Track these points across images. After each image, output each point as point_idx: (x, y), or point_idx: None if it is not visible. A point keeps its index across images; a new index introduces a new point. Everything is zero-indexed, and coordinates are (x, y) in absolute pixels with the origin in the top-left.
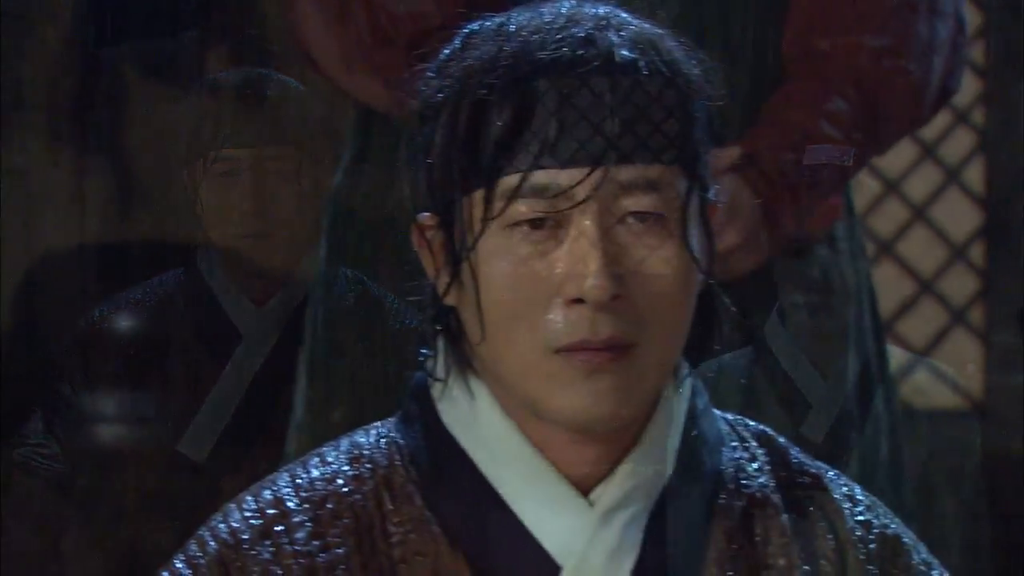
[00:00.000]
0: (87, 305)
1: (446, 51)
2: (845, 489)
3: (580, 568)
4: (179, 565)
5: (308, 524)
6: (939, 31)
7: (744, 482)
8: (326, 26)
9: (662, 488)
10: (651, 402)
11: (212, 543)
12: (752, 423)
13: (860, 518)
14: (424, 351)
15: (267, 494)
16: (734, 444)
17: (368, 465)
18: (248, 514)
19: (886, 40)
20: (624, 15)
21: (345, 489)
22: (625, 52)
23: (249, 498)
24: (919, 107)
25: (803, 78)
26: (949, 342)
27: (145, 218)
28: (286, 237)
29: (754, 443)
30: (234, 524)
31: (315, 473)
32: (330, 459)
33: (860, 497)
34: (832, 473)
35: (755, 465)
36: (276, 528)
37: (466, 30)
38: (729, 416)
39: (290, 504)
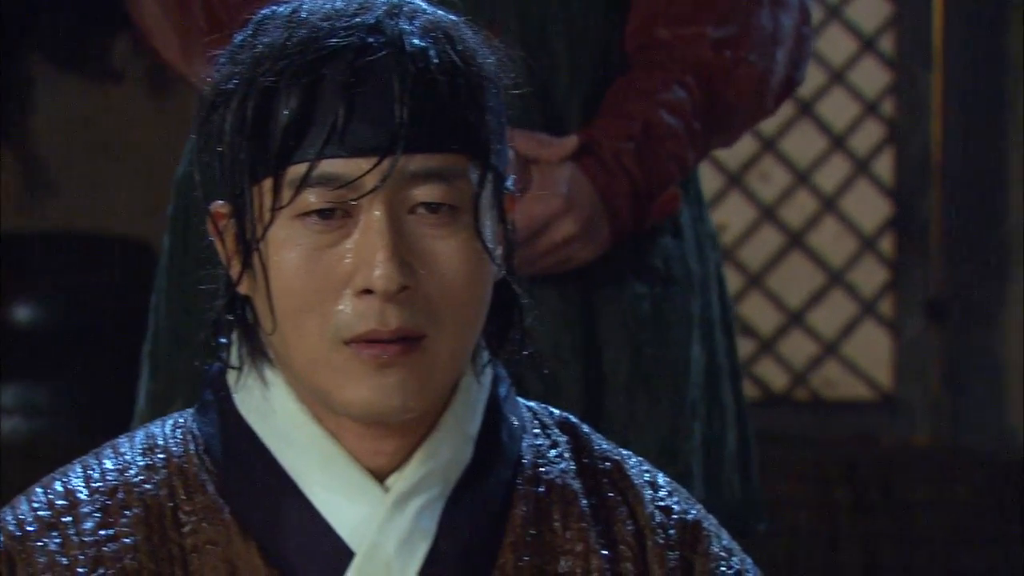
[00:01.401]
0: None
1: (239, 37)
2: (647, 476)
3: (372, 554)
4: None
5: (97, 514)
6: (783, 22)
7: (544, 468)
8: (164, 14)
9: (460, 475)
10: (447, 392)
11: None
12: (556, 411)
13: (661, 504)
14: (221, 340)
15: (57, 485)
16: (536, 431)
17: (162, 455)
18: (36, 505)
19: (728, 31)
20: (418, 2)
21: (136, 479)
22: (416, 40)
23: (39, 490)
24: (762, 98)
25: (644, 68)
26: (859, 333)
27: (52, 207)
28: None
29: (556, 430)
30: (21, 516)
31: (107, 464)
32: (123, 450)
33: (662, 483)
34: (634, 460)
35: (556, 451)
36: (63, 519)
37: (259, 16)
38: (533, 404)
39: (80, 495)
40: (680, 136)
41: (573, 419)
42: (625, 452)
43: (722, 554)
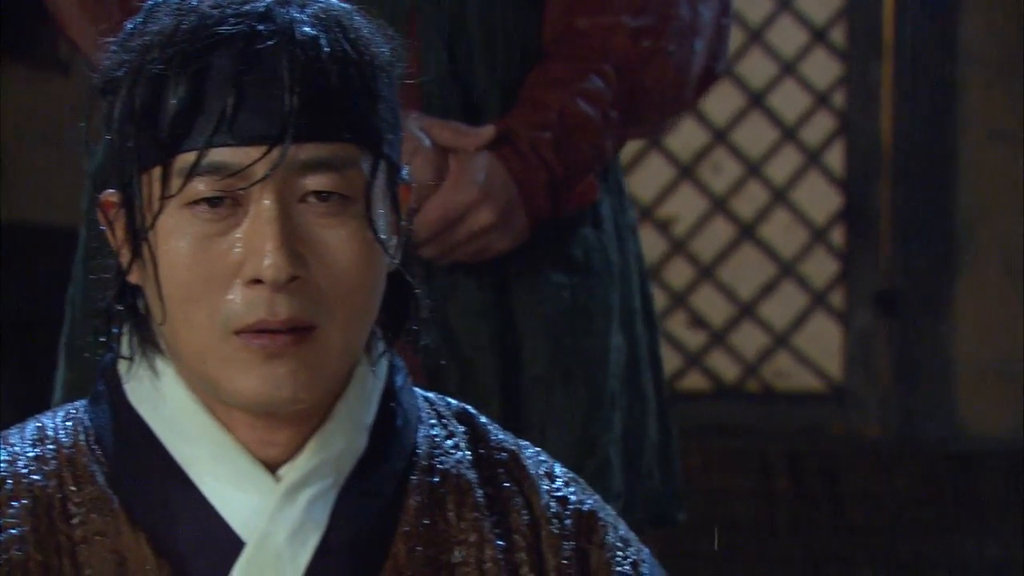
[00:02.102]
0: None
1: (130, 25)
2: (544, 467)
3: (263, 544)
4: None
5: None
6: (702, 13)
7: (439, 459)
8: (80, 5)
9: (353, 465)
10: (340, 382)
11: None
12: (453, 401)
13: (557, 494)
14: (113, 329)
15: None
16: (432, 422)
17: (52, 446)
18: None
19: (646, 21)
20: None
21: (24, 470)
22: (306, 29)
23: None
24: (680, 88)
25: (562, 58)
26: (810, 324)
27: (3, 200)
28: None
29: (454, 421)
30: None
31: None
32: (13, 441)
33: (558, 474)
34: (532, 451)
35: (452, 442)
36: None
37: (150, 3)
38: (430, 395)
39: None
40: (597, 125)
41: (471, 410)
42: (523, 443)
43: (618, 544)
